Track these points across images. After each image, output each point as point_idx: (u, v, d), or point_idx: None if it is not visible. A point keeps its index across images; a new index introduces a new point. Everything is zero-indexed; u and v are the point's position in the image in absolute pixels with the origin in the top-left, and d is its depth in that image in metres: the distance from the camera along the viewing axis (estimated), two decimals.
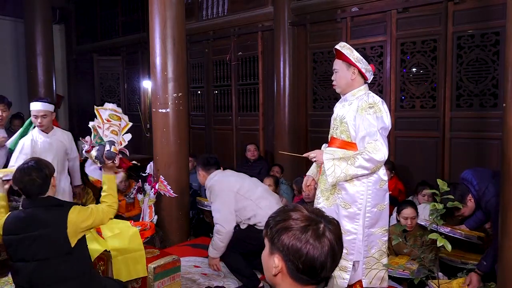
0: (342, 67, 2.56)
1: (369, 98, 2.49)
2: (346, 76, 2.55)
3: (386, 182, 2.55)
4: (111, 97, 8.05)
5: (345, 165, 2.39)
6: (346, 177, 2.42)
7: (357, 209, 2.49)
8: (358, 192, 2.48)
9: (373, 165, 2.38)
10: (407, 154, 4.65)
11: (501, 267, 2.61)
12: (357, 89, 2.56)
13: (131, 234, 2.85)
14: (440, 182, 2.16)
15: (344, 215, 2.51)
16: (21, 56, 7.36)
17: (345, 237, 2.52)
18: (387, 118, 2.46)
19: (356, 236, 2.51)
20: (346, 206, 2.51)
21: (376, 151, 2.35)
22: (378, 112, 2.42)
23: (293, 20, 5.40)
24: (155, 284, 2.78)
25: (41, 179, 2.19)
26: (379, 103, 2.46)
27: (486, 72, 4.16)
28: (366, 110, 2.44)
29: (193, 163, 5.35)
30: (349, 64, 2.53)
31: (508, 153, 2.50)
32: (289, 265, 1.12)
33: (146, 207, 3.89)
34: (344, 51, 2.51)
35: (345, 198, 2.51)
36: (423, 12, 4.51)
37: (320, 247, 1.10)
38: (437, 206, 2.10)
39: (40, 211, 2.17)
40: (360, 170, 2.39)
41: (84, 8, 8.60)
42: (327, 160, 2.44)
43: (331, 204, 2.59)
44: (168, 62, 4.00)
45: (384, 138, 2.42)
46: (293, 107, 5.48)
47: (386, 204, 2.57)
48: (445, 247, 2.12)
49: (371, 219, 2.50)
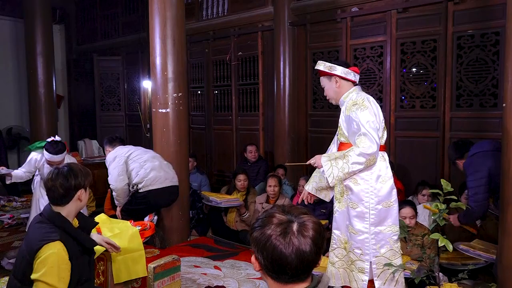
0: (326, 81, 2.73)
1: (355, 96, 2.59)
2: (332, 87, 2.70)
3: (390, 178, 2.56)
4: (111, 97, 8.06)
5: (341, 164, 2.46)
6: (344, 175, 2.48)
7: (364, 207, 2.52)
8: (362, 190, 2.52)
9: (365, 159, 2.43)
10: (407, 154, 4.65)
11: (501, 267, 2.62)
12: (347, 92, 2.67)
13: (130, 234, 2.85)
14: (443, 182, 2.15)
15: (353, 215, 2.55)
16: (21, 56, 7.36)
17: (357, 237, 2.55)
18: (372, 112, 2.51)
19: (368, 235, 2.52)
20: (354, 206, 2.55)
21: (363, 144, 2.41)
22: (362, 107, 2.51)
23: (293, 20, 5.40)
24: (155, 284, 2.78)
25: (63, 189, 2.03)
26: (364, 99, 2.55)
27: (486, 72, 4.16)
28: (350, 108, 2.55)
29: (193, 163, 5.35)
30: (329, 76, 2.69)
31: (508, 153, 2.50)
32: (261, 260, 1.15)
33: None
34: (319, 67, 2.71)
35: (352, 198, 2.56)
36: (423, 12, 4.51)
37: (285, 244, 1.10)
38: (440, 206, 2.08)
39: (38, 224, 2.04)
40: (355, 166, 2.44)
41: (84, 8, 8.60)
42: (325, 162, 2.52)
43: (343, 206, 2.64)
44: (168, 62, 4.01)
45: (372, 130, 2.44)
46: (293, 107, 5.48)
47: (394, 201, 2.56)
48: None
49: (376, 216, 2.51)
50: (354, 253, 2.57)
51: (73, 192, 2.06)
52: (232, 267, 3.61)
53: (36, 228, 2.03)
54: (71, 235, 2.03)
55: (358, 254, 2.55)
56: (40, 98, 6.23)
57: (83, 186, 2.10)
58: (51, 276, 1.89)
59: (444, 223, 2.25)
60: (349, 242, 2.61)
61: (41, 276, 1.89)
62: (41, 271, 1.89)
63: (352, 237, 2.57)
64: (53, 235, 1.96)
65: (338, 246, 2.69)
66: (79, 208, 2.14)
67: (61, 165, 2.24)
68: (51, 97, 6.34)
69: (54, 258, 1.91)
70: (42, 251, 1.91)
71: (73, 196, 2.07)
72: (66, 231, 2.02)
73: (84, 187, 2.11)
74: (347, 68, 2.66)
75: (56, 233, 1.97)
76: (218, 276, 3.43)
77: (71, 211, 2.10)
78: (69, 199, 2.07)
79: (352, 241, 2.57)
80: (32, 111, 6.30)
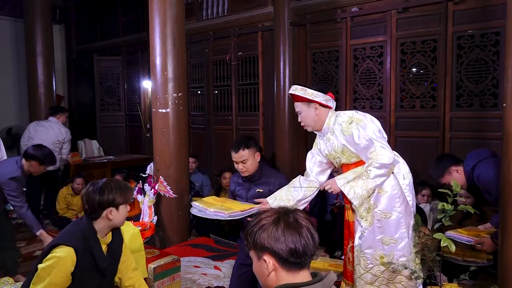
0: (303, 107, 2.61)
1: (342, 118, 2.51)
2: (310, 114, 2.59)
3: (409, 173, 2.55)
4: (111, 97, 8.06)
5: (362, 182, 2.36)
6: (368, 192, 2.38)
7: (397, 213, 2.42)
8: (392, 197, 2.43)
9: (387, 169, 2.37)
10: (407, 154, 4.61)
11: (501, 267, 2.62)
12: (327, 119, 2.58)
13: (131, 234, 2.85)
14: (454, 183, 2.13)
15: (388, 226, 2.43)
16: (21, 56, 7.36)
17: (399, 246, 2.43)
18: (370, 122, 2.46)
19: (408, 239, 2.44)
20: (387, 216, 2.43)
21: (381, 156, 2.34)
22: (359, 122, 2.44)
23: (293, 20, 5.39)
24: (155, 284, 2.78)
25: (88, 205, 2.01)
26: (354, 114, 2.49)
27: (486, 72, 4.16)
28: (348, 128, 2.46)
29: (195, 164, 5.35)
30: (308, 102, 2.57)
31: (508, 153, 2.50)
32: (277, 257, 1.22)
33: (146, 207, 3.88)
34: (297, 93, 2.58)
35: (382, 210, 2.44)
36: (423, 12, 4.51)
37: (296, 232, 1.22)
38: (447, 206, 2.03)
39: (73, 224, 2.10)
40: (378, 179, 2.36)
41: (84, 8, 8.60)
42: (343, 186, 2.41)
43: (370, 223, 2.48)
44: (168, 62, 4.00)
45: (381, 139, 2.41)
46: (293, 107, 5.46)
47: (412, 196, 2.55)
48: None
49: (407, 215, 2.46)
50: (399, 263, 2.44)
51: (99, 211, 2.01)
52: (232, 267, 3.60)
53: (70, 226, 2.09)
54: (90, 247, 2.01)
55: (404, 261, 2.44)
56: (40, 98, 6.23)
57: (113, 204, 2.02)
58: (44, 274, 1.93)
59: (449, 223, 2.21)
60: (388, 255, 2.46)
61: (41, 269, 1.94)
62: (44, 264, 1.94)
63: (393, 248, 2.44)
64: (72, 238, 1.98)
65: (375, 264, 2.51)
66: (111, 226, 2.08)
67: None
68: (51, 97, 6.34)
69: (57, 261, 1.93)
70: (56, 250, 1.95)
71: (100, 213, 2.02)
72: (88, 241, 2.01)
73: (115, 205, 2.03)
74: (326, 94, 2.56)
75: (74, 239, 1.98)
76: (218, 276, 3.43)
77: (101, 228, 2.06)
78: (97, 216, 2.03)
79: (395, 251, 2.44)
80: (32, 111, 6.30)
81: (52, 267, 1.92)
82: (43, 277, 1.92)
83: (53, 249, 1.97)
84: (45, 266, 1.93)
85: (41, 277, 1.93)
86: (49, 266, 1.92)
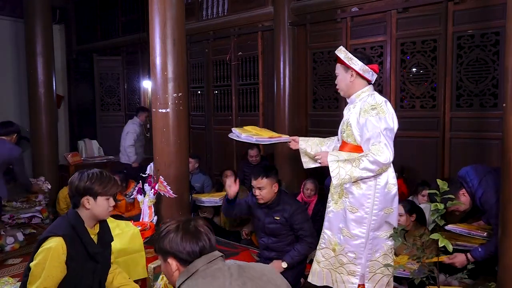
0: (341, 70, 2.60)
1: (372, 99, 2.47)
2: (345, 79, 2.58)
3: (395, 185, 2.51)
4: (111, 97, 8.06)
5: (350, 167, 2.38)
6: (350, 179, 2.40)
7: (364, 213, 2.46)
8: (365, 195, 2.46)
9: (378, 167, 2.36)
10: (407, 154, 4.64)
11: (501, 267, 2.61)
12: (360, 90, 2.56)
13: (131, 234, 2.85)
14: (440, 182, 2.15)
15: (351, 219, 2.49)
16: (21, 56, 7.35)
17: (353, 242, 2.49)
18: (391, 119, 2.44)
19: (364, 240, 2.48)
20: (353, 210, 2.48)
21: (380, 153, 2.34)
22: (381, 113, 2.41)
23: (293, 20, 5.39)
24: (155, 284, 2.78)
25: (69, 190, 2.05)
26: (382, 104, 2.45)
27: (486, 72, 4.16)
28: (368, 112, 2.43)
29: (195, 164, 5.35)
30: (346, 67, 2.56)
31: (508, 153, 2.50)
32: (178, 259, 1.42)
33: (145, 207, 3.88)
34: (339, 54, 2.56)
35: (352, 202, 2.49)
36: (423, 12, 4.51)
37: (194, 237, 1.42)
38: (439, 206, 2.08)
39: (60, 217, 2.14)
40: (365, 172, 2.37)
41: (84, 8, 8.60)
42: (332, 162, 2.43)
43: (339, 208, 2.57)
44: (168, 62, 4.00)
45: (388, 139, 2.40)
46: (293, 107, 5.48)
47: (395, 208, 2.53)
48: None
49: (377, 222, 2.48)
50: (346, 257, 2.52)
51: (77, 197, 2.01)
52: None
53: (57, 219, 2.13)
54: (79, 235, 2.00)
55: (351, 258, 2.51)
56: (40, 98, 6.21)
57: (90, 193, 2.00)
58: (39, 269, 1.91)
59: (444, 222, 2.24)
60: (341, 245, 2.55)
61: (34, 265, 1.93)
62: (35, 261, 1.94)
63: (347, 241, 2.52)
64: (59, 229, 1.97)
65: (326, 247, 2.64)
66: (93, 217, 2.05)
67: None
68: (51, 97, 6.33)
69: (48, 253, 1.91)
70: (45, 243, 1.95)
71: (79, 201, 2.02)
72: (76, 230, 1.99)
73: (92, 194, 2.00)
74: (367, 65, 2.53)
75: (62, 229, 1.97)
76: None
77: (85, 217, 2.04)
78: (77, 203, 2.02)
79: (347, 244, 2.52)
80: (32, 111, 6.29)
81: (45, 259, 1.90)
82: (38, 274, 1.91)
83: (42, 243, 1.96)
84: (37, 262, 1.92)
85: (35, 274, 1.92)
86: (42, 260, 1.91)
